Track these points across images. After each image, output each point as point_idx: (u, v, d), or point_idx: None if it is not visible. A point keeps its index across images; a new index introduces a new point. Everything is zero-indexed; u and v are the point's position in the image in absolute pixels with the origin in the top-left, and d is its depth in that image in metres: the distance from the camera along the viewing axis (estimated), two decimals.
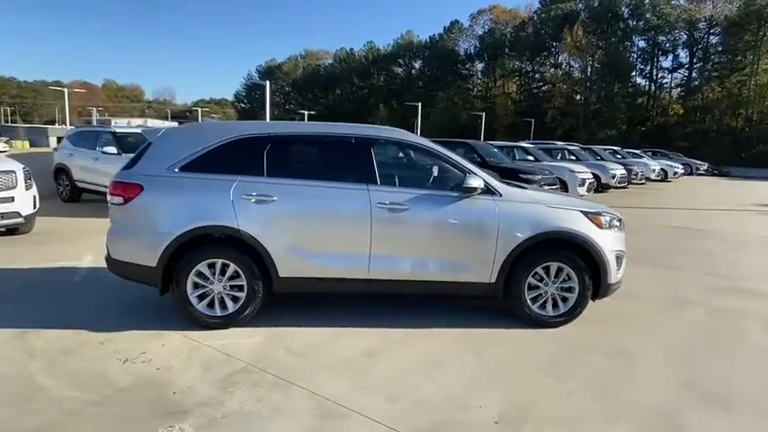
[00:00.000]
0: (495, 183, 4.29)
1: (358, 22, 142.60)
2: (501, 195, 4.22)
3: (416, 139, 4.51)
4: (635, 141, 39.93)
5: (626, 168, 17.64)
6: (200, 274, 4.02)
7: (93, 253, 6.42)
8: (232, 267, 4.03)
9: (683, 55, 51.76)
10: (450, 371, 3.52)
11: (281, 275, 4.06)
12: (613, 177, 16.28)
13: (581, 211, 4.32)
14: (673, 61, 52.62)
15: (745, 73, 46.85)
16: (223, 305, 4.08)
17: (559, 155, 17.23)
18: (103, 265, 5.58)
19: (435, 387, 3.27)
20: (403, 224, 4.12)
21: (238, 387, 3.19)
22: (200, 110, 72.57)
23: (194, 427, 2.76)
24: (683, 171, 25.57)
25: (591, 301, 4.36)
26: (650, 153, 27.20)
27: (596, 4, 55.21)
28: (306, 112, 53.50)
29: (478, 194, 4.17)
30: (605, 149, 21.14)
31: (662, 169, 22.48)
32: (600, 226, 4.30)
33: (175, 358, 3.56)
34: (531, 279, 4.26)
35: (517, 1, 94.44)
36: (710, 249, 7.89)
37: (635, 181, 18.75)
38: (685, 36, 50.82)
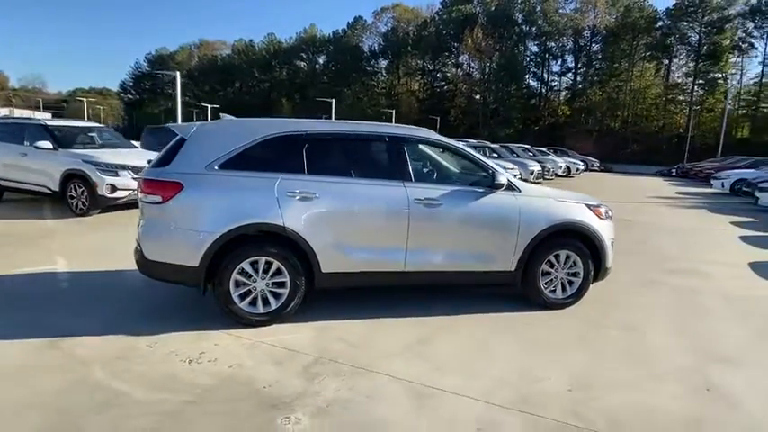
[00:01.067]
0: (514, 180, 4.67)
1: (257, 13, 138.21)
2: (520, 191, 4.61)
3: (442, 138, 4.75)
4: (530, 139, 43.22)
5: (540, 165, 19.22)
6: (242, 273, 3.97)
7: (62, 256, 5.91)
8: (275, 264, 4.02)
9: (570, 60, 56.88)
10: (503, 350, 3.84)
11: (323, 271, 4.12)
12: (532, 173, 17.68)
13: (585, 204, 4.85)
14: (561, 66, 57.63)
15: (621, 78, 52.56)
16: (266, 302, 4.06)
17: (481, 153, 18.31)
18: (83, 268, 5.29)
19: (501, 365, 3.58)
20: (436, 218, 4.36)
21: (322, 378, 3.28)
22: (85, 100, 66.09)
23: (307, 416, 2.82)
24: (582, 167, 28.28)
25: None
26: (552, 150, 29.70)
27: (493, 9, 58.75)
28: (209, 106, 50.97)
29: (502, 191, 4.53)
30: (518, 147, 22.78)
31: (567, 166, 24.73)
32: (600, 217, 4.85)
33: (239, 356, 3.53)
34: (544, 266, 4.70)
35: (419, 0, 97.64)
36: (642, 237, 9.00)
37: (546, 176, 20.47)
38: (572, 43, 55.84)
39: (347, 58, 70.78)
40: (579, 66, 56.09)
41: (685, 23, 49.39)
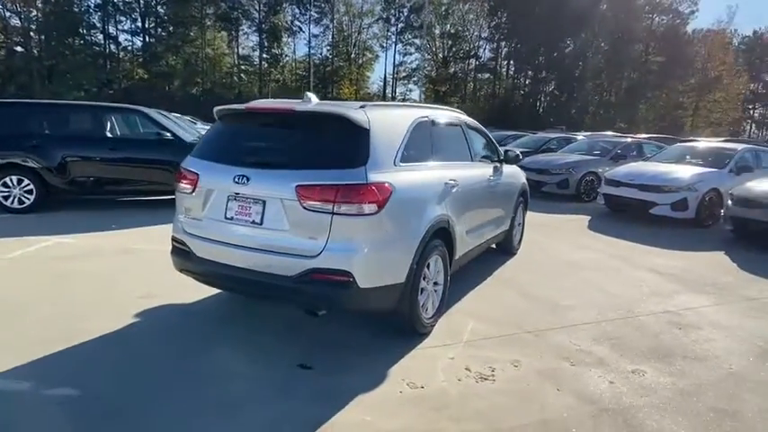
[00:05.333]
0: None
1: None
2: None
3: (470, 119, 5.22)
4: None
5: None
6: (423, 277, 3.72)
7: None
8: (439, 261, 3.91)
9: (140, 20, 53.01)
10: (580, 288, 5.24)
11: (455, 257, 4.23)
12: None
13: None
14: (132, 25, 52.99)
15: (196, 45, 53.19)
16: (430, 304, 3.92)
17: None
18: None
19: (606, 297, 4.98)
20: (493, 191, 5.08)
21: (573, 339, 3.98)
22: None
23: (640, 365, 3.67)
24: None
25: None
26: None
27: None
28: None
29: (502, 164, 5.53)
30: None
31: None
32: (526, 179, 6.54)
33: (490, 357, 3.59)
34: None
35: None
36: None
37: None
38: (137, 1, 52.03)
39: None
40: (150, 26, 53.18)
41: (246, 0, 54.15)
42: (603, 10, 47.68)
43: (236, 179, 3.30)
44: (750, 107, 59.82)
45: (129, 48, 53.06)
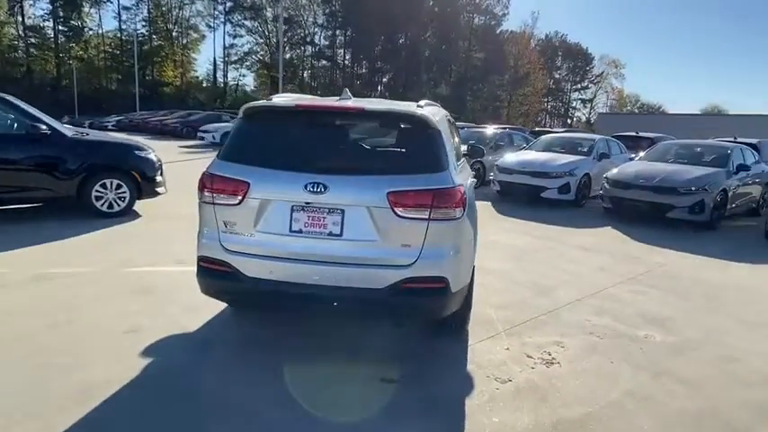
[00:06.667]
0: None
1: None
2: None
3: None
4: None
5: None
6: None
7: None
8: None
9: None
10: (564, 268, 5.85)
11: None
12: None
13: None
14: None
15: None
16: None
17: None
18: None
19: (570, 276, 5.62)
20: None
21: (583, 321, 4.57)
22: None
23: (651, 332, 4.37)
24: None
25: None
26: None
27: None
28: None
29: None
30: None
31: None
32: None
33: (544, 347, 3.81)
34: None
35: None
36: None
37: None
38: None
39: None
40: None
41: None
42: (431, 6, 51.63)
43: (310, 187, 2.95)
44: (545, 100, 70.76)
45: None
